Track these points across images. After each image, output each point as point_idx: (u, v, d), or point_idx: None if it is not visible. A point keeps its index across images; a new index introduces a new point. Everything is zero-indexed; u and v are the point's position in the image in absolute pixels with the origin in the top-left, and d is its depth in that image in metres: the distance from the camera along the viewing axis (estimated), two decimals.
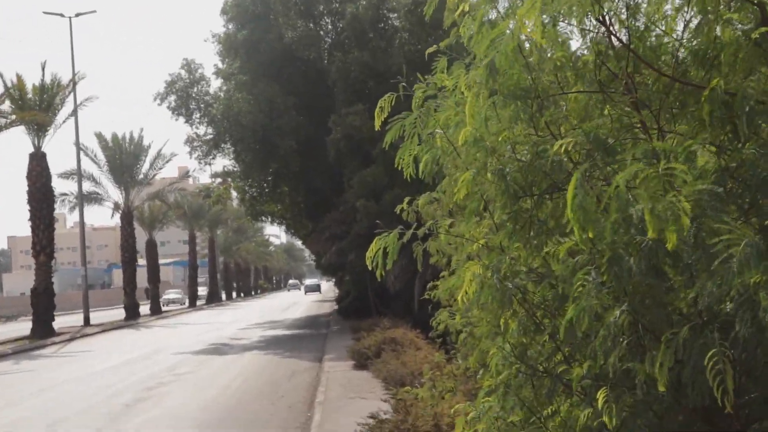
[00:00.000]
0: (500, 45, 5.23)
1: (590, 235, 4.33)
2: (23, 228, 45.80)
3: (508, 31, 5.17)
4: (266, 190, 44.12)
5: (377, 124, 7.09)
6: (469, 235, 7.35)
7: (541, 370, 5.66)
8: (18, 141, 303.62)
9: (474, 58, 6.51)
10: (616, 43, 5.53)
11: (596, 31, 5.58)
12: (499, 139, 5.79)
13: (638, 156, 4.14)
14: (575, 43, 5.80)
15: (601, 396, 4.23)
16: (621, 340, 4.11)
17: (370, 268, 6.49)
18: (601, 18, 5.28)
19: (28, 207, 44.89)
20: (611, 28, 5.34)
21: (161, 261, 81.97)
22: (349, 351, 23.08)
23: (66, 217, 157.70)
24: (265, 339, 35.25)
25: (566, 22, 5.53)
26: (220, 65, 41.08)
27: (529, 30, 5.04)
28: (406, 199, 9.50)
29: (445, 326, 13.14)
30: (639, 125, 5.28)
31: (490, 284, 5.45)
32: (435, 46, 7.38)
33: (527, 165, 5.57)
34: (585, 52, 5.77)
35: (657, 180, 3.77)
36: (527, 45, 5.76)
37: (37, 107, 43.59)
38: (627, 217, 4.01)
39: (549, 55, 5.71)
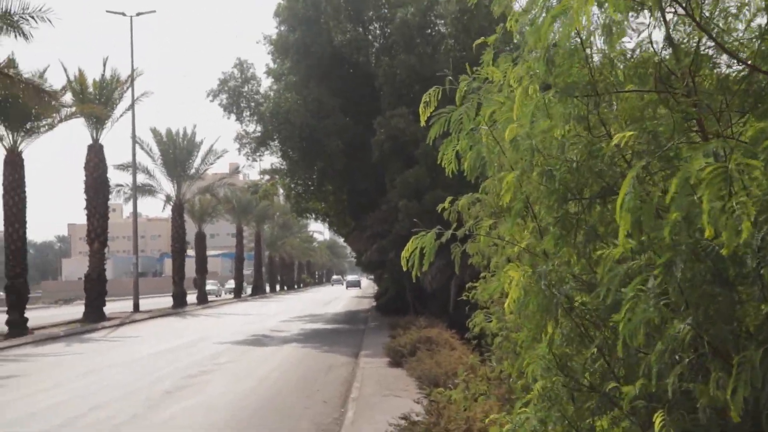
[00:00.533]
0: (562, 30, 4.67)
1: (643, 237, 3.80)
2: (82, 216, 46.42)
3: (569, 14, 4.57)
4: (311, 188, 43.91)
5: (422, 119, 6.63)
6: (510, 237, 6.80)
7: (585, 385, 5.10)
8: (78, 132, 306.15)
9: (521, 51, 6.02)
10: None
11: (655, 25, 5.02)
12: (549, 136, 5.24)
13: (704, 153, 3.55)
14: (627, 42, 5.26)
15: (657, 419, 3.66)
16: (680, 357, 3.53)
17: (405, 269, 5.99)
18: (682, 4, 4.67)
19: (84, 196, 45.21)
20: (684, 18, 4.78)
21: (210, 252, 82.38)
22: (385, 348, 22.58)
23: (122, 207, 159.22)
24: (305, 332, 34.85)
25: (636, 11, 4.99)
26: (271, 65, 40.79)
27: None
28: (448, 199, 8.97)
29: (481, 328, 12.64)
30: (696, 128, 4.70)
31: (535, 290, 4.90)
32: (483, 38, 6.90)
33: (578, 165, 5.01)
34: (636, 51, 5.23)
35: (722, 178, 3.21)
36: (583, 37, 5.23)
37: (96, 101, 43.89)
38: (689, 219, 3.46)
39: (605, 47, 5.18)
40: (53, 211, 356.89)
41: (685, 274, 3.43)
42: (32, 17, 30.64)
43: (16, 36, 30.62)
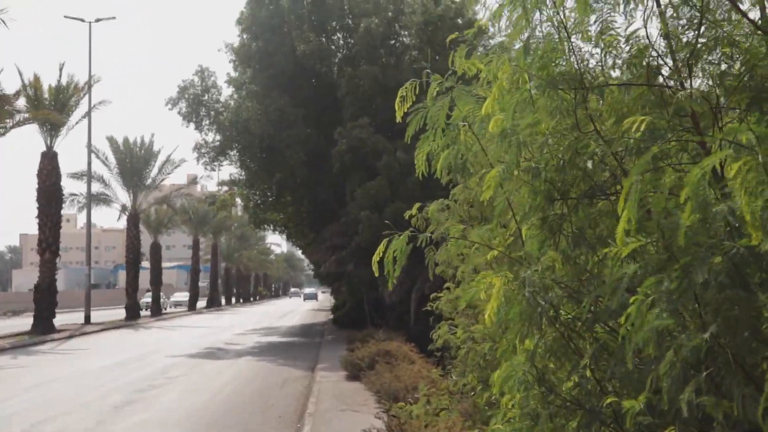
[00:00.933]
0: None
1: (654, 235, 3.42)
2: (34, 226, 45.26)
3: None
4: (270, 199, 43.27)
5: (399, 114, 6.29)
6: (484, 241, 6.41)
7: (568, 400, 4.69)
8: (31, 139, 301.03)
9: (496, 47, 5.71)
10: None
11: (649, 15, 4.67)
12: (535, 132, 4.85)
13: (726, 141, 3.16)
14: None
15: None
16: (694, 369, 3.12)
17: (377, 274, 5.60)
18: None
19: (36, 205, 44.07)
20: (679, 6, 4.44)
21: (166, 264, 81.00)
22: (342, 361, 22.02)
23: (77, 217, 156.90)
24: (260, 345, 34.19)
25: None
26: (232, 74, 40.14)
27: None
28: (416, 206, 8.60)
29: (445, 340, 12.22)
30: (690, 126, 4.35)
31: (519, 298, 4.49)
32: (456, 33, 6.59)
33: (564, 163, 4.62)
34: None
35: (755, 171, 2.83)
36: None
37: (51, 107, 42.99)
38: (708, 218, 3.07)
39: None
40: (5, 220, 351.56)
41: (704, 277, 3.03)
42: None
43: None
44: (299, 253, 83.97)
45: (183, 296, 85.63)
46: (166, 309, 79.37)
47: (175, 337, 40.82)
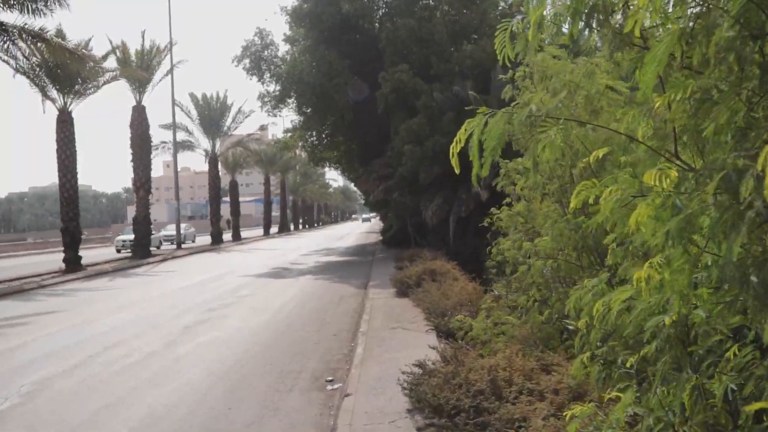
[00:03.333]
0: None
1: None
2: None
3: None
4: (324, 140, 40.94)
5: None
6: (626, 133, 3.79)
7: None
8: (124, 97, 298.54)
9: None
10: None
11: None
12: None
13: None
14: None
15: None
16: None
17: (457, 171, 3.19)
18: None
19: (130, 151, 42.30)
20: None
21: (245, 198, 79.10)
22: (392, 280, 19.60)
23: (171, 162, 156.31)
24: (319, 265, 31.97)
25: None
26: (287, 33, 37.65)
27: None
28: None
29: (503, 256, 9.86)
30: None
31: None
32: None
33: None
34: None
35: None
36: None
37: (138, 66, 40.89)
38: None
39: None
40: (121, 166, 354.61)
41: None
42: None
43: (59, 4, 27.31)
44: (352, 185, 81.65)
45: (171, 230, 57.18)
46: (184, 243, 55.80)
47: (249, 258, 38.74)
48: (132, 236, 44.22)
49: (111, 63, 38.46)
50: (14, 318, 17.74)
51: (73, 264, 33.06)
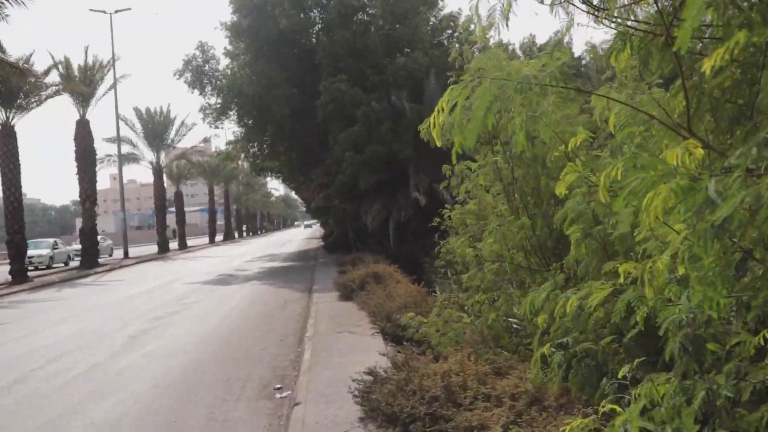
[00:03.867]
0: None
1: None
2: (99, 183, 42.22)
3: None
4: (266, 150, 39.92)
5: None
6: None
7: None
8: (68, 111, 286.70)
9: None
10: None
11: None
12: None
13: None
14: None
15: None
16: None
17: (438, 143, 2.70)
18: None
19: (75, 164, 40.58)
20: None
21: (192, 209, 77.16)
22: (335, 283, 18.94)
23: (123, 176, 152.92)
24: (264, 270, 31.13)
25: None
26: (228, 47, 36.66)
27: None
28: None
29: (452, 256, 9.41)
30: None
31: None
32: None
33: None
34: None
35: None
36: None
37: (81, 81, 39.24)
38: None
39: None
40: (69, 179, 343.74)
41: None
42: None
43: None
44: (293, 194, 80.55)
45: (77, 246, 46.62)
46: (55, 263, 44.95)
47: (195, 266, 37.57)
48: (45, 251, 42.31)
49: (54, 78, 36.85)
50: None
51: (19, 276, 31.54)
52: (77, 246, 47.27)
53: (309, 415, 7.17)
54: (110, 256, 52.76)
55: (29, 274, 32.56)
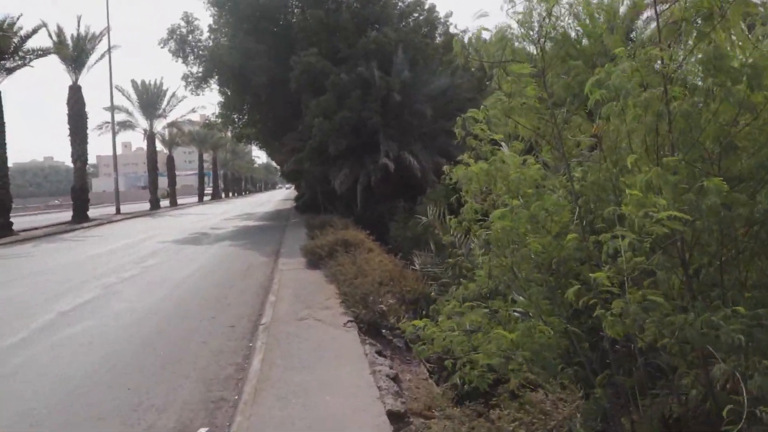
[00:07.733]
0: None
1: None
2: (108, 148, 36.78)
3: None
4: (244, 117, 34.74)
5: None
6: None
7: None
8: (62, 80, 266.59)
9: None
10: None
11: None
12: None
13: None
14: None
15: None
16: None
17: None
18: None
19: (68, 126, 34.89)
20: None
21: (188, 173, 71.80)
22: (303, 249, 14.32)
23: (131, 143, 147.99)
24: (237, 229, 26.36)
25: None
26: (209, 21, 31.53)
27: None
28: None
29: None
30: None
31: None
32: None
33: None
34: None
35: None
36: None
37: (73, 50, 33.81)
38: None
39: None
40: (92, 143, 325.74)
41: None
42: None
43: None
44: (274, 162, 75.48)
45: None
46: None
47: (176, 223, 32.57)
48: None
49: (47, 44, 30.99)
50: None
51: (3, 230, 26.40)
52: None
53: None
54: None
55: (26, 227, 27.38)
